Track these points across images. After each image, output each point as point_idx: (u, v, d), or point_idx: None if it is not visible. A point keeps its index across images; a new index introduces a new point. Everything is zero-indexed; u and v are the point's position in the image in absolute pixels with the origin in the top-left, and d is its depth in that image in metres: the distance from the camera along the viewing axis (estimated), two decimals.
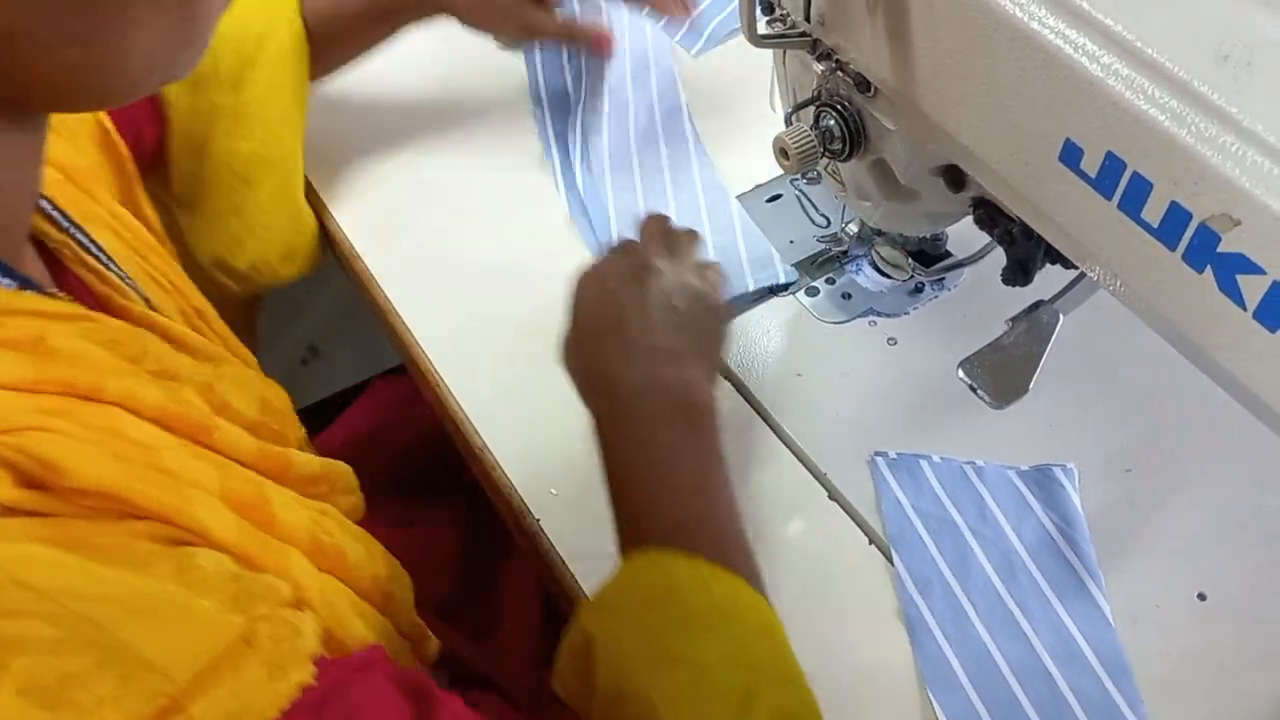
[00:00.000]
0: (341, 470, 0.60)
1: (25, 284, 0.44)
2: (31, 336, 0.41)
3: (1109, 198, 0.43)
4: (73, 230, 0.53)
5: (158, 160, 0.77)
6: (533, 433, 0.70)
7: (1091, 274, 0.48)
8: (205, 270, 0.80)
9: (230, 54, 0.75)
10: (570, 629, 0.54)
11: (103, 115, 0.64)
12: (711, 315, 0.65)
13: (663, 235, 0.69)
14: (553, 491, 0.67)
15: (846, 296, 0.77)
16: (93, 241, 0.54)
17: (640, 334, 0.62)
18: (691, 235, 0.70)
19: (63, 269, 0.51)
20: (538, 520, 0.66)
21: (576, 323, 0.65)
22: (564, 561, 0.64)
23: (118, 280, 0.53)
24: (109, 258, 0.55)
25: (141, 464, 0.42)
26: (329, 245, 0.85)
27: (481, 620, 0.86)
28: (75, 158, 0.59)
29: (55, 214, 0.52)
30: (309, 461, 0.56)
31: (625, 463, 0.59)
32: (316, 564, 0.50)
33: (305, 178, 0.86)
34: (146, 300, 0.56)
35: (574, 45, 0.82)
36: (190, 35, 0.43)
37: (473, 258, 0.80)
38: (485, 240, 0.82)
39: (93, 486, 0.39)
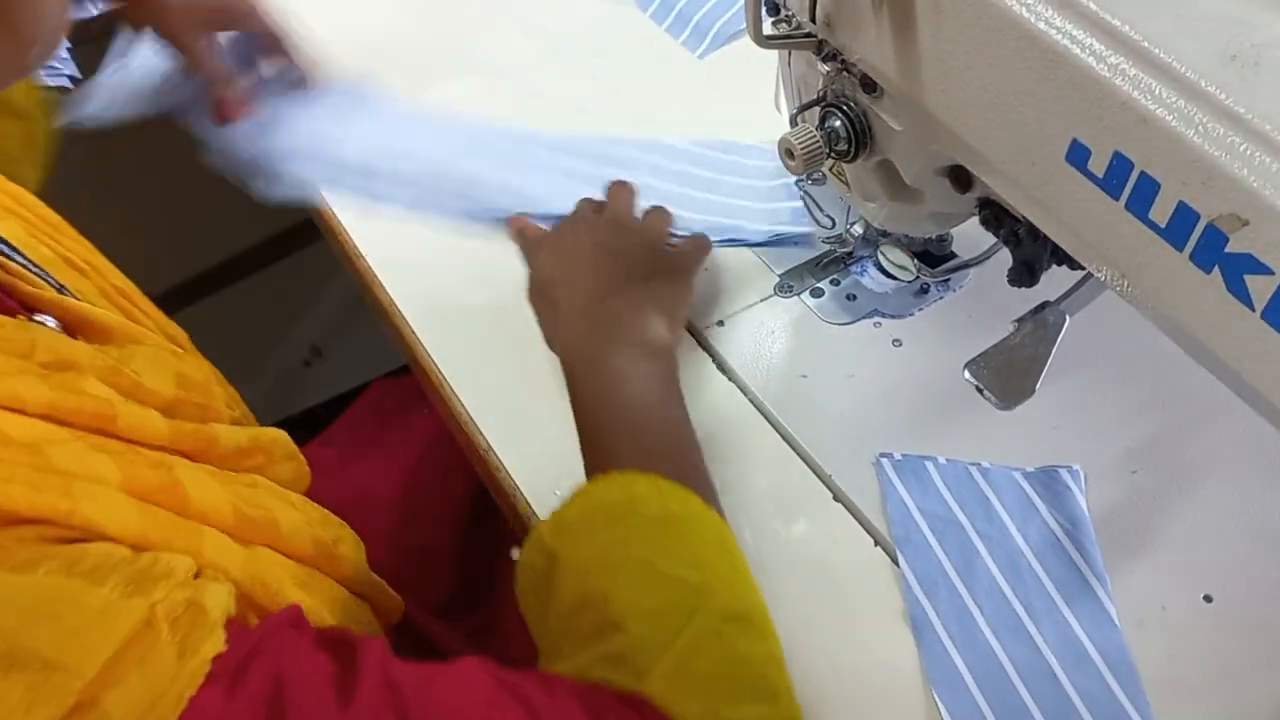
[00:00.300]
0: (276, 438, 0.59)
1: None
2: None
3: (1116, 198, 0.43)
4: None
5: None
6: (538, 434, 0.70)
7: (1098, 274, 0.48)
8: None
9: None
10: (529, 548, 0.56)
11: None
12: (680, 279, 0.69)
13: (630, 202, 0.73)
14: (558, 493, 0.67)
15: (851, 298, 0.77)
16: None
17: (608, 277, 0.66)
18: (661, 210, 0.73)
19: None
20: None
21: (545, 263, 0.70)
22: None
23: (20, 267, 0.52)
24: (11, 246, 0.54)
25: (25, 467, 0.41)
26: (333, 245, 0.85)
27: (482, 620, 0.86)
28: None
29: None
30: (235, 433, 0.55)
31: (589, 391, 0.62)
32: (244, 537, 0.50)
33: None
34: (60, 286, 0.55)
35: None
36: (19, 47, 0.43)
37: (478, 259, 0.80)
38: (490, 242, 0.81)
39: None
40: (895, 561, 0.63)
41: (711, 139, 0.85)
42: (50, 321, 0.51)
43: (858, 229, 0.78)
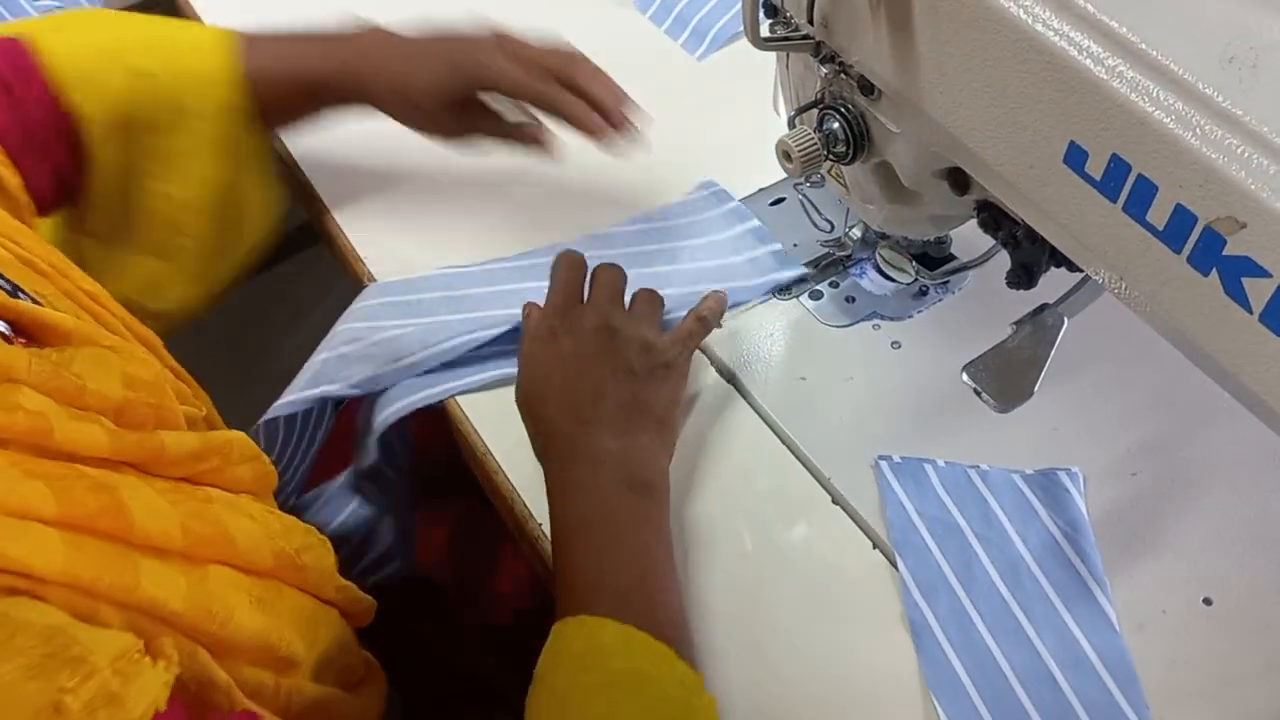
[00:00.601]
0: (234, 439, 0.56)
1: None
2: None
3: (1114, 200, 0.43)
4: None
5: (70, 191, 0.75)
6: None
7: (1096, 277, 0.48)
8: None
9: (159, 96, 0.73)
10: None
11: None
12: (671, 380, 0.66)
13: (620, 287, 0.69)
14: None
15: (850, 300, 0.76)
16: None
17: (593, 402, 0.63)
18: (651, 295, 0.70)
19: None
20: (540, 524, 0.66)
21: (530, 377, 0.66)
22: None
23: None
24: None
25: None
26: (330, 248, 0.85)
27: (480, 621, 0.86)
28: None
29: None
30: (184, 439, 0.52)
31: (568, 528, 0.60)
32: (195, 557, 0.48)
33: (308, 182, 0.87)
34: (15, 287, 0.52)
35: (515, 145, 0.78)
36: None
37: (469, 257, 0.80)
38: (490, 243, 0.81)
39: None
40: (894, 565, 0.63)
41: (649, 213, 0.82)
42: (1, 325, 0.49)
43: (856, 232, 0.78)
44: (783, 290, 0.77)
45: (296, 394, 0.71)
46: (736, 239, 0.79)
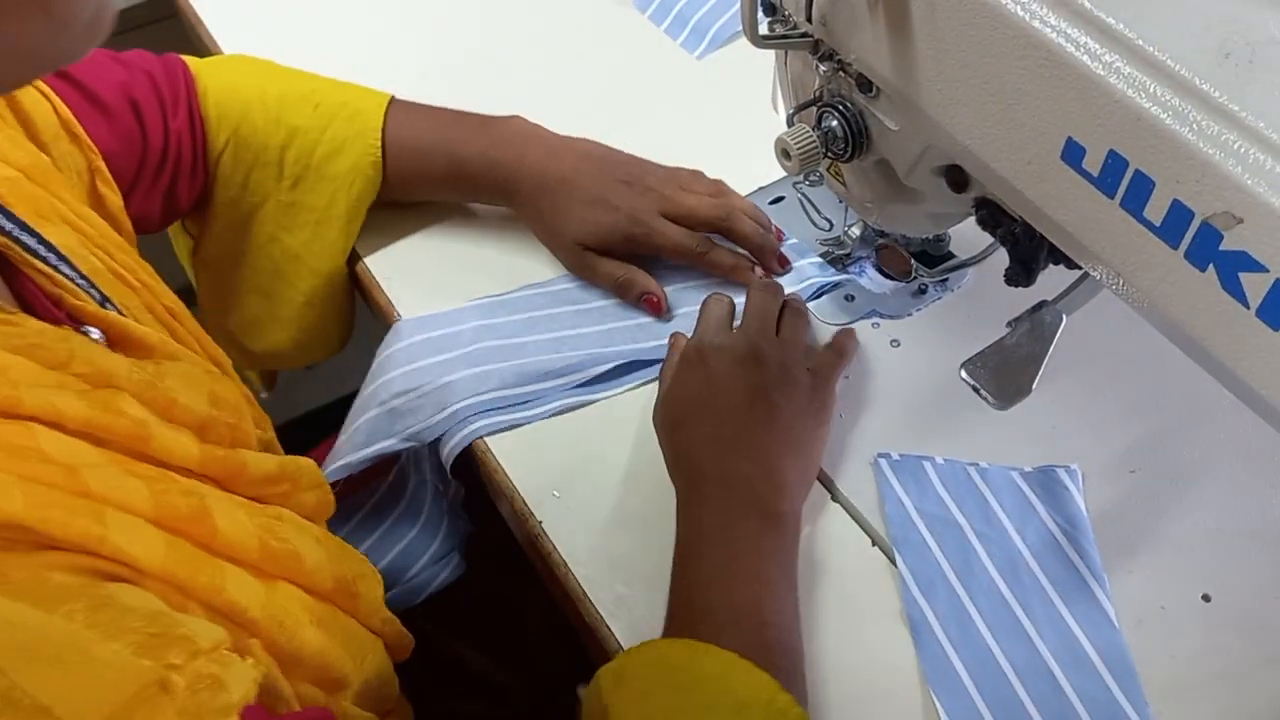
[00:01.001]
0: (304, 466, 0.58)
1: None
2: None
3: (1111, 196, 0.43)
4: (17, 232, 0.51)
5: (194, 213, 0.79)
6: (536, 436, 0.70)
7: (1094, 274, 0.48)
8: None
9: (300, 151, 0.76)
10: (591, 693, 0.55)
11: (66, 111, 0.64)
12: (813, 412, 0.66)
13: (773, 311, 0.70)
14: (555, 494, 0.67)
15: (850, 298, 0.77)
16: (42, 241, 0.53)
17: (735, 426, 0.63)
18: (801, 314, 0.71)
19: (15, 271, 0.50)
20: (540, 523, 0.66)
21: (673, 396, 0.67)
22: (566, 564, 0.64)
23: (67, 280, 0.52)
24: (61, 256, 0.54)
25: (59, 489, 0.40)
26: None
27: (482, 623, 0.87)
28: (35, 156, 0.59)
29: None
30: (264, 461, 0.54)
31: (690, 545, 0.60)
32: (267, 571, 0.49)
33: None
34: (104, 298, 0.54)
35: (624, 298, 0.76)
36: (55, 29, 0.40)
37: (476, 262, 0.80)
38: (488, 244, 0.81)
39: (2, 519, 0.37)
40: (893, 562, 0.63)
41: None
42: (95, 334, 0.51)
43: (855, 230, 0.78)
44: (817, 295, 0.77)
45: (354, 454, 0.71)
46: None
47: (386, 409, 0.72)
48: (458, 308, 0.76)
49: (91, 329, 0.51)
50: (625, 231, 0.74)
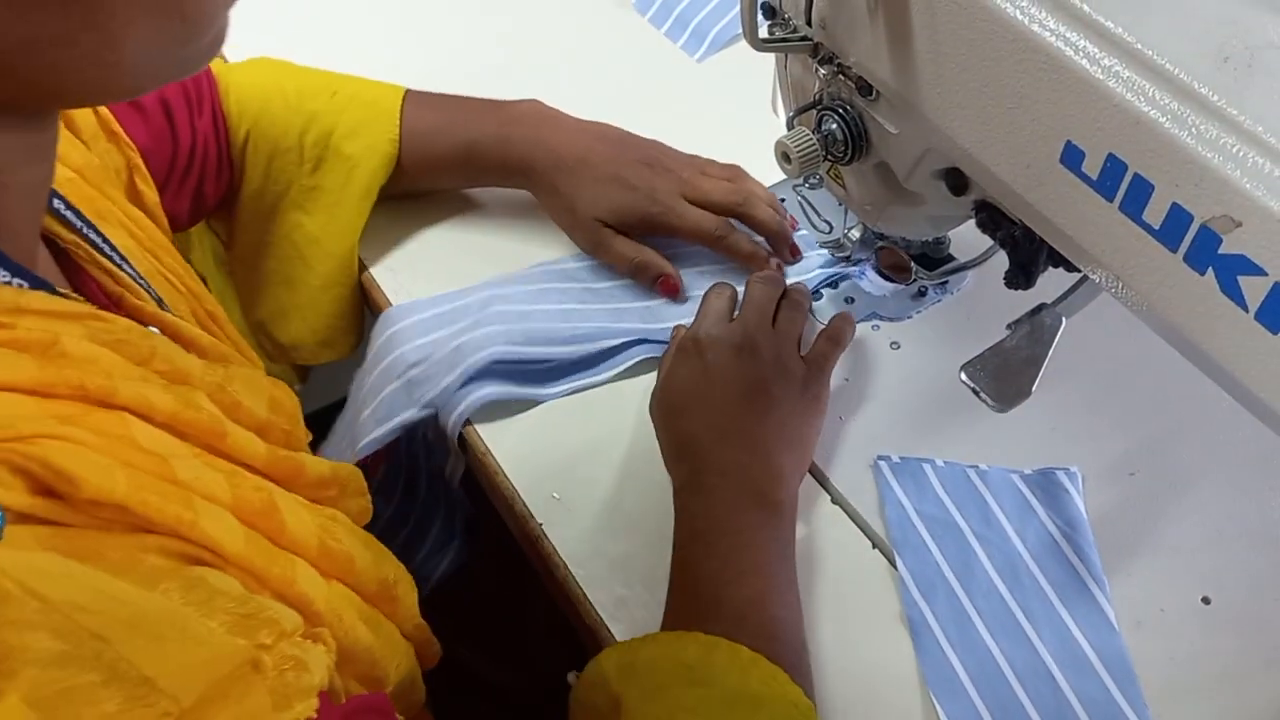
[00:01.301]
0: (351, 473, 0.59)
1: (36, 284, 0.43)
2: (43, 339, 0.41)
3: (1110, 200, 0.43)
4: (85, 230, 0.52)
5: (220, 211, 0.80)
6: (536, 437, 0.70)
7: (1093, 276, 0.48)
8: (250, 333, 0.82)
9: (319, 134, 0.77)
10: (589, 684, 0.55)
11: (106, 112, 0.65)
12: (807, 403, 0.66)
13: (770, 304, 0.70)
14: (555, 496, 0.67)
15: (849, 300, 0.77)
16: (106, 240, 0.54)
17: (731, 416, 0.63)
18: (799, 308, 0.71)
19: (77, 268, 0.51)
20: (540, 525, 0.66)
21: (669, 385, 0.67)
22: (566, 566, 0.64)
23: (130, 280, 0.53)
24: (122, 257, 0.55)
25: (153, 475, 0.41)
26: None
27: (482, 623, 0.87)
28: (87, 156, 0.60)
29: (68, 214, 0.52)
30: (319, 464, 0.56)
31: (692, 536, 0.60)
32: (323, 570, 0.50)
33: None
34: (159, 300, 0.56)
35: (639, 280, 0.77)
36: (188, 34, 0.42)
37: (475, 263, 0.80)
38: (488, 244, 0.82)
39: (106, 499, 0.38)
40: (893, 564, 0.63)
41: None
42: (156, 332, 0.52)
43: (855, 234, 0.78)
44: (830, 284, 0.78)
45: (380, 429, 0.71)
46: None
47: (404, 380, 0.72)
48: (470, 286, 0.77)
49: (153, 329, 0.52)
50: (644, 210, 0.74)
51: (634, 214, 0.75)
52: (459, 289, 0.77)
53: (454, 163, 0.79)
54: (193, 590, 0.39)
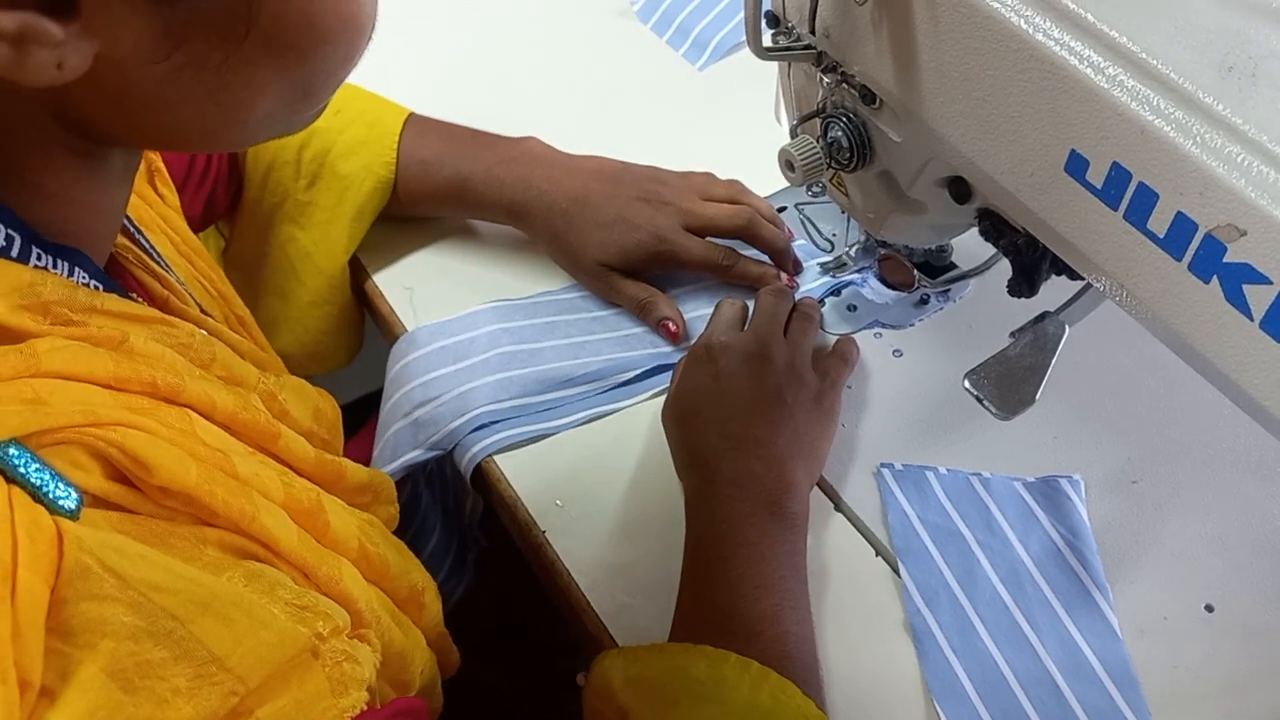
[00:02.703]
0: (384, 481, 0.60)
1: (110, 287, 0.45)
2: (115, 336, 0.42)
3: (1115, 208, 0.43)
4: (137, 235, 0.54)
5: (215, 218, 0.81)
6: (540, 445, 0.70)
7: (1097, 285, 0.48)
8: None
9: (317, 150, 0.77)
10: (596, 693, 0.55)
11: None
12: (821, 414, 0.66)
13: (783, 314, 0.70)
14: (558, 504, 0.67)
15: (852, 308, 0.77)
16: (152, 246, 0.55)
17: (744, 424, 0.63)
18: (810, 319, 0.71)
19: (124, 271, 0.52)
20: (544, 532, 0.66)
21: (682, 392, 0.67)
22: (569, 573, 0.64)
23: (176, 284, 0.54)
24: (166, 263, 0.56)
25: (216, 469, 0.43)
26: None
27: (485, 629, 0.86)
28: None
29: (124, 220, 0.53)
30: (358, 471, 0.57)
31: (705, 547, 0.60)
32: (363, 573, 0.51)
33: None
34: (199, 305, 0.57)
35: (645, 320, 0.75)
36: (309, 100, 0.45)
37: (478, 271, 0.80)
38: (490, 251, 0.82)
39: (177, 487, 0.39)
40: (896, 571, 0.63)
41: None
42: (217, 340, 0.53)
43: (854, 252, 0.78)
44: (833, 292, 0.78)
45: (386, 468, 0.71)
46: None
47: (410, 420, 0.72)
48: (472, 311, 0.76)
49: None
50: (651, 250, 0.74)
51: (641, 254, 0.74)
52: (464, 314, 0.76)
53: (448, 196, 0.78)
54: (254, 580, 0.41)
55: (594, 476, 0.69)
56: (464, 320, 0.76)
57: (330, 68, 0.43)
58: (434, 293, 0.80)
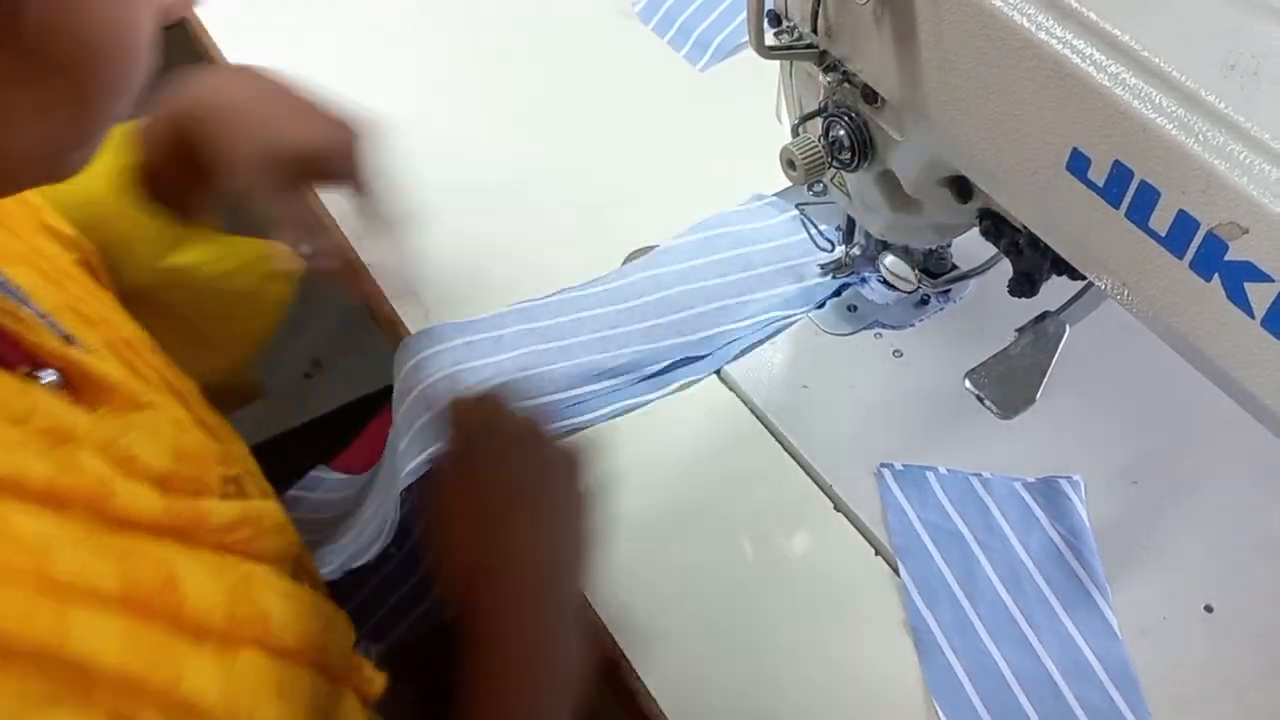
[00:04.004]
0: (266, 510, 0.56)
1: None
2: None
3: (1116, 206, 0.43)
4: None
5: None
6: None
7: (1099, 283, 0.48)
8: None
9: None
10: None
11: None
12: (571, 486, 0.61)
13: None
14: None
15: (852, 309, 0.77)
16: (7, 279, 0.51)
17: (504, 545, 0.58)
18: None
19: None
20: None
21: (441, 513, 0.61)
22: None
23: (32, 316, 0.50)
24: (21, 294, 0.51)
25: (26, 582, 0.37)
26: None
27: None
28: None
29: None
30: (226, 509, 0.51)
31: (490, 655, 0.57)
32: (234, 637, 0.47)
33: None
34: (66, 335, 0.52)
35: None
36: (80, 132, 0.40)
37: (483, 274, 0.80)
38: (494, 256, 0.82)
39: None
40: (896, 571, 0.63)
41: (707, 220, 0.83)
42: (52, 375, 0.48)
43: (856, 251, 0.78)
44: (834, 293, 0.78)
45: (414, 462, 0.69)
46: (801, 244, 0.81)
47: (438, 412, 0.72)
48: (498, 313, 0.77)
49: (48, 371, 0.49)
50: (336, 157, 0.68)
51: (325, 156, 0.69)
52: (488, 315, 0.76)
53: (171, 158, 0.71)
54: None
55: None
56: (490, 321, 0.76)
57: (103, 94, 0.39)
58: (449, 293, 0.80)
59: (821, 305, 0.77)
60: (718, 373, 0.74)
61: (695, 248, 0.80)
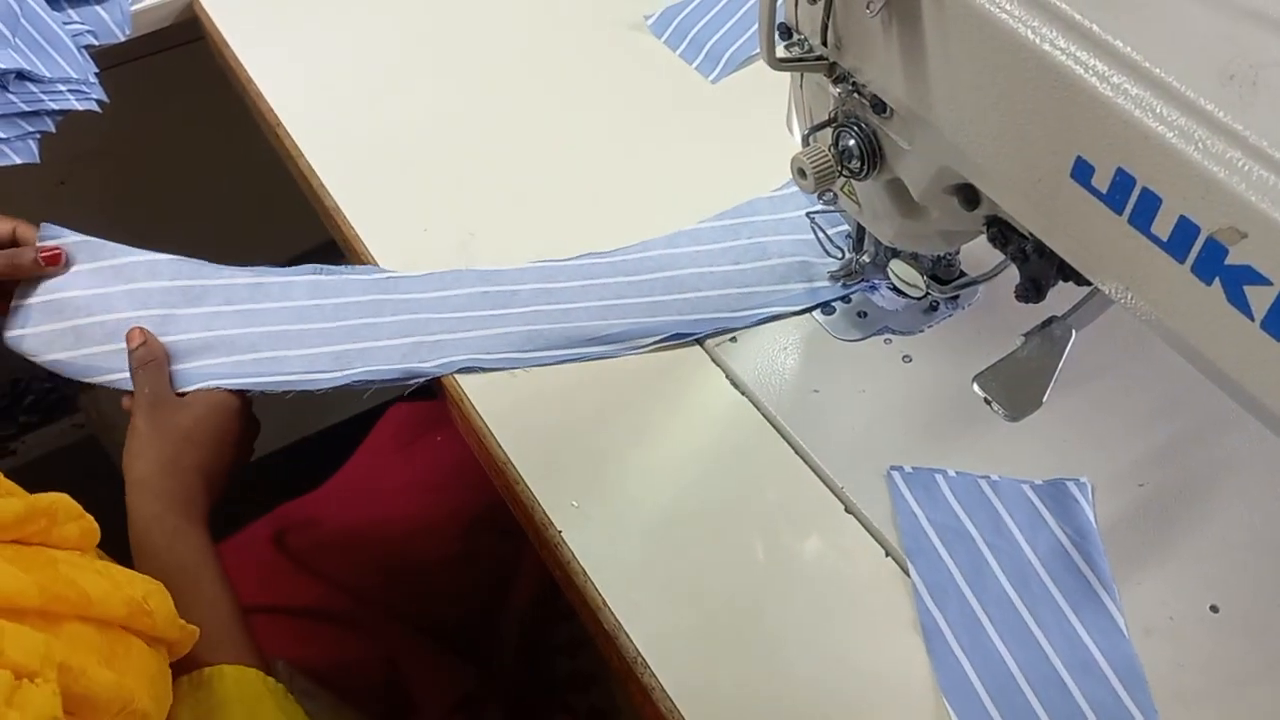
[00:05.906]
0: (57, 501, 0.57)
1: None
2: None
3: (1119, 213, 0.44)
4: None
5: None
6: (554, 447, 0.71)
7: (1104, 288, 0.49)
8: None
9: None
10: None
11: None
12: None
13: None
14: (574, 504, 0.68)
15: (862, 315, 0.78)
16: None
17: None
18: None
19: None
20: (560, 532, 0.67)
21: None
22: (585, 573, 0.65)
23: None
24: None
25: None
26: (354, 264, 0.87)
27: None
28: None
29: None
30: (10, 505, 0.53)
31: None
32: (54, 613, 0.50)
33: (331, 198, 0.88)
34: None
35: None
36: None
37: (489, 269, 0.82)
38: (501, 253, 0.83)
39: None
40: (906, 572, 0.64)
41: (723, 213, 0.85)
42: None
43: (866, 259, 0.79)
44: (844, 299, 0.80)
45: (390, 369, 0.76)
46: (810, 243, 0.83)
47: (433, 340, 0.77)
48: (520, 267, 0.81)
49: None
50: None
51: None
52: (511, 268, 0.81)
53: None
54: None
55: (610, 475, 0.70)
56: (509, 273, 0.81)
57: None
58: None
59: (826, 307, 0.78)
60: (729, 378, 0.75)
61: (717, 233, 0.83)
